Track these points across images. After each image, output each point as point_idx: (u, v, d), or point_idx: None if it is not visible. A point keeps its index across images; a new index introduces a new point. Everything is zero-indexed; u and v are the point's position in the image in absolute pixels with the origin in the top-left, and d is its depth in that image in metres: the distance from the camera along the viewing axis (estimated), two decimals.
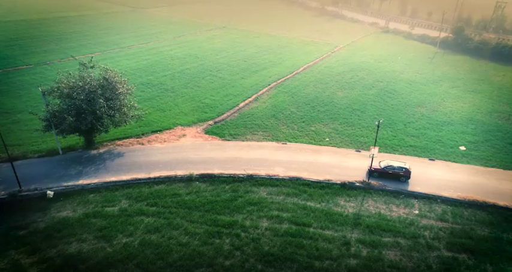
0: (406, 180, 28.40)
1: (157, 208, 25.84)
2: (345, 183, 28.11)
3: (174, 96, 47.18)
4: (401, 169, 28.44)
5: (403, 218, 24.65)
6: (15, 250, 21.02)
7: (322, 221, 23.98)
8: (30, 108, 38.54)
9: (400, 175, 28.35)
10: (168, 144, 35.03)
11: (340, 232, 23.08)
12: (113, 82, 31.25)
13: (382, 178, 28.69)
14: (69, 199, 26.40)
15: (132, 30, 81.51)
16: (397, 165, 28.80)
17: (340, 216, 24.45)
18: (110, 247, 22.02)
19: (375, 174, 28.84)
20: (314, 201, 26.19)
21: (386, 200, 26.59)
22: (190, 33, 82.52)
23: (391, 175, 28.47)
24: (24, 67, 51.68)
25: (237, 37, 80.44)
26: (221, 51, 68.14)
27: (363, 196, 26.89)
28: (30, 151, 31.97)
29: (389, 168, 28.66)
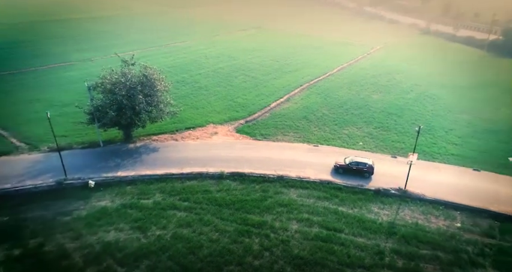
0: (369, 176, 28.83)
1: (189, 204, 26.44)
2: (379, 190, 27.06)
3: (207, 94, 48.10)
4: (364, 165, 28.93)
5: (443, 230, 23.24)
6: (60, 234, 22.45)
7: (354, 227, 23.25)
8: (76, 102, 40.83)
9: (363, 171, 28.85)
10: (201, 141, 35.75)
11: (373, 240, 22.24)
12: (152, 79, 32.43)
13: (347, 174, 29.17)
14: (108, 189, 27.73)
15: (169, 29, 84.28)
16: (361, 161, 29.33)
17: (373, 224, 23.57)
18: (144, 238, 22.84)
19: (340, 170, 29.50)
20: (346, 206, 25.47)
21: (425, 210, 25.22)
22: (225, 32, 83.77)
23: (355, 171, 29.04)
24: (72, 63, 55.20)
25: (271, 37, 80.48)
26: (254, 51, 68.47)
27: (399, 205, 25.72)
28: (75, 142, 34.01)
29: (353, 164, 29.20)
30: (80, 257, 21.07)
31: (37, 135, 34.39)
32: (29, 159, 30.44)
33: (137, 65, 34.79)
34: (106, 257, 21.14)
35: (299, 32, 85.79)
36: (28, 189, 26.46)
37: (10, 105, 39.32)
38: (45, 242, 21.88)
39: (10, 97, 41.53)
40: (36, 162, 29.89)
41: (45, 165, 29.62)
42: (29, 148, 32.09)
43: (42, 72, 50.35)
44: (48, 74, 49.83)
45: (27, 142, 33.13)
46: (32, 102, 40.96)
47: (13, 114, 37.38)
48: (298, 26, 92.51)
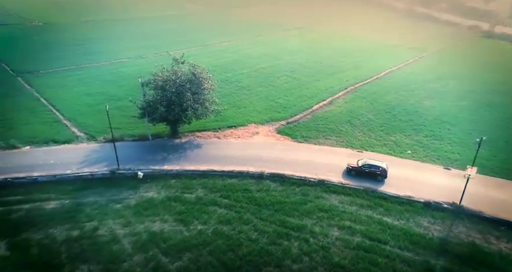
0: (383, 179, 28.07)
1: (229, 201, 26.97)
2: (430, 202, 25.37)
3: (249, 94, 48.62)
4: (378, 168, 28.19)
5: (506, 253, 21.17)
6: (112, 220, 24.16)
7: (401, 240, 22.06)
8: (129, 97, 43.72)
9: (377, 174, 28.19)
10: (242, 140, 36.27)
11: (422, 256, 20.93)
12: (200, 78, 33.56)
13: (359, 177, 28.44)
14: (154, 181, 29.24)
15: (214, 29, 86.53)
16: (374, 163, 28.48)
17: (422, 238, 22.18)
18: (186, 231, 23.74)
19: (352, 173, 28.93)
20: (391, 217, 24.27)
21: (483, 229, 23.18)
22: (268, 33, 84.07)
23: (368, 173, 28.36)
24: (125, 60, 59.00)
25: (314, 38, 79.23)
26: (297, 52, 67.88)
27: (452, 221, 23.92)
28: (127, 134, 36.30)
29: (366, 166, 28.53)
30: (129, 243, 22.47)
31: (94, 126, 37.22)
32: (87, 148, 33.08)
33: (186, 63, 36.26)
34: (152, 246, 22.30)
35: (344, 33, 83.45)
36: (86, 175, 28.77)
37: (71, 98, 42.99)
38: (99, 226, 23.66)
39: (70, 91, 45.42)
40: (93, 151, 32.39)
41: (101, 154, 31.98)
42: (87, 138, 34.84)
43: (98, 67, 54.38)
44: (105, 70, 53.69)
45: (85, 132, 36.00)
46: (91, 96, 44.42)
47: (75, 106, 40.81)
48: (343, 27, 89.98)
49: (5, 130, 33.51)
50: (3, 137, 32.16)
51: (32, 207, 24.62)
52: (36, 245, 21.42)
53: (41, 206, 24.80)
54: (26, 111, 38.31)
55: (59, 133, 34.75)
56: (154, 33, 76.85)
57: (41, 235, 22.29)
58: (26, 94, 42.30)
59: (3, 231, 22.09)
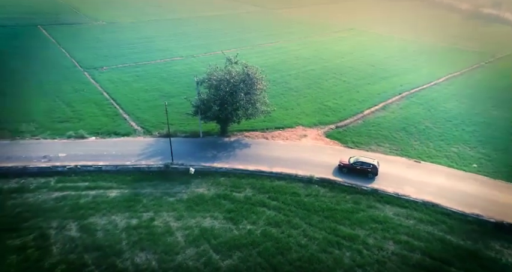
0: (373, 177, 28.52)
1: (277, 203, 26.88)
2: (502, 224, 22.97)
3: (296, 95, 48.14)
4: (369, 166, 28.69)
5: None
6: (166, 213, 25.35)
7: (468, 262, 20.27)
8: (181, 94, 45.77)
9: (367, 172, 28.71)
10: (290, 142, 35.97)
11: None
12: (253, 78, 33.87)
13: (351, 174, 28.91)
14: (205, 178, 30.12)
15: (263, 29, 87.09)
16: (366, 161, 29.01)
17: (494, 263, 20.18)
18: (236, 230, 24.10)
19: (344, 170, 29.51)
20: (455, 236, 22.39)
21: None
22: (317, 34, 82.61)
23: (359, 171, 28.90)
24: (177, 58, 61.71)
25: (366, 40, 76.18)
26: (347, 54, 65.81)
27: None
28: (179, 130, 37.90)
29: (357, 163, 29.04)
30: (182, 236, 23.36)
31: (150, 121, 39.35)
32: (143, 141, 35.07)
33: (239, 63, 36.83)
34: (203, 242, 22.96)
35: (398, 35, 79.09)
36: (143, 168, 30.51)
37: (130, 93, 45.91)
38: (154, 217, 24.93)
39: (129, 86, 48.53)
40: (149, 145, 34.26)
41: (156, 148, 33.70)
42: (143, 132, 36.94)
43: (154, 65, 57.47)
44: (159, 68, 56.60)
45: (142, 126, 38.21)
46: (147, 92, 47.08)
47: (133, 101, 43.53)
48: (397, 29, 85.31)
49: (76, 121, 36.76)
50: (74, 127, 35.30)
51: (97, 194, 26.68)
52: (102, 229, 23.16)
53: (104, 194, 26.78)
54: (92, 103, 41.67)
55: (119, 126, 37.25)
56: (205, 33, 79.37)
57: (105, 220, 24.05)
58: (92, 89, 46.02)
59: (74, 214, 24.21)
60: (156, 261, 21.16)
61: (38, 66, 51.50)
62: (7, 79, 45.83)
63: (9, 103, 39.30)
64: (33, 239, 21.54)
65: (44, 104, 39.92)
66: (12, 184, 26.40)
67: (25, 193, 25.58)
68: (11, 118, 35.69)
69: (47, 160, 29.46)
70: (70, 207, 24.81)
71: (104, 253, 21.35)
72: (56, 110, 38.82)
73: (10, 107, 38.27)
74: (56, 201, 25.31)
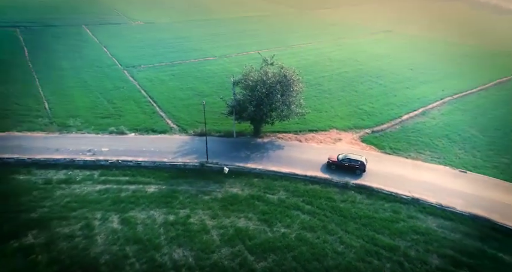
0: (361, 173, 29.41)
1: (312, 207, 26.45)
2: None
3: (330, 98, 47.23)
4: (356, 162, 29.53)
5: None
6: (202, 211, 25.77)
7: None
8: (214, 93, 46.44)
9: (355, 168, 29.52)
10: (324, 145, 35.31)
11: None
12: (290, 80, 33.62)
13: (339, 171, 29.62)
14: (238, 178, 30.28)
15: (296, 30, 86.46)
16: (353, 158, 29.85)
17: None
18: (270, 232, 23.98)
19: (332, 167, 30.19)
20: (509, 255, 20.80)
21: None
22: (352, 35, 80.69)
23: (348, 167, 29.63)
24: (211, 58, 62.76)
25: (404, 42, 73.30)
26: (384, 57, 63.66)
27: None
28: (212, 130, 38.43)
29: (345, 160, 29.86)
30: (217, 235, 23.62)
31: (185, 119, 40.24)
32: (179, 139, 35.92)
33: (275, 64, 36.70)
34: (238, 242, 23.06)
35: (439, 38, 75.29)
36: (179, 165, 31.24)
37: (166, 92, 47.26)
38: (190, 214, 25.41)
39: (166, 85, 49.97)
40: (184, 143, 35.03)
41: (191, 146, 34.40)
42: (179, 130, 37.85)
43: (188, 64, 58.79)
44: (194, 67, 57.82)
45: (178, 124, 39.17)
46: (182, 90, 48.25)
47: (169, 100, 44.77)
48: (438, 31, 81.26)
49: (116, 117, 38.43)
50: (115, 123, 36.90)
51: (136, 188, 27.66)
52: (141, 223, 23.97)
53: (143, 189, 27.70)
54: (131, 101, 43.36)
55: (157, 124, 38.43)
56: (238, 34, 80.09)
57: (144, 215, 24.87)
58: (131, 86, 47.90)
59: (116, 207, 25.26)
60: (193, 258, 21.53)
61: (82, 64, 54.47)
62: (55, 76, 48.85)
63: (58, 99, 41.84)
64: (80, 229, 22.72)
65: (88, 100, 42.11)
66: (61, 175, 28.05)
67: (72, 184, 27.08)
68: (59, 114, 37.98)
69: (92, 154, 31.02)
70: (112, 200, 25.92)
71: (144, 246, 22.06)
72: (98, 106, 40.82)
73: (58, 103, 40.73)
74: (99, 193, 26.56)
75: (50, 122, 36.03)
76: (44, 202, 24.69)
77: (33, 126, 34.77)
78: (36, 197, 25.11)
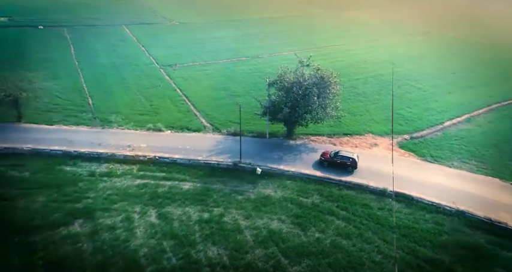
0: (353, 170, 29.99)
1: (347, 214, 25.73)
2: None
3: (365, 101, 45.87)
4: (348, 159, 30.15)
5: None
6: (235, 210, 25.90)
7: None
8: (247, 94, 46.74)
9: (347, 165, 30.11)
10: (359, 150, 34.26)
11: None
12: (327, 82, 32.99)
13: (331, 167, 30.32)
14: (271, 179, 30.11)
15: (327, 31, 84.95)
16: (345, 155, 30.56)
17: None
18: (304, 236, 23.60)
19: (324, 163, 30.90)
20: None
21: None
22: (388, 37, 77.98)
23: (339, 164, 30.27)
24: (243, 58, 63.16)
25: (444, 44, 69.74)
26: (422, 59, 60.90)
27: None
28: (245, 130, 38.53)
29: (338, 157, 30.49)
30: (251, 236, 23.60)
31: (218, 118, 40.71)
32: (213, 138, 36.40)
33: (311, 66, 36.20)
34: (271, 244, 22.90)
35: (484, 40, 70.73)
36: (213, 164, 31.63)
37: (200, 91, 48.09)
38: (224, 213, 25.62)
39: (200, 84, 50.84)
40: (218, 142, 35.43)
41: (224, 146, 34.70)
42: (212, 129, 38.39)
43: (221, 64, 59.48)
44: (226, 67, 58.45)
45: (211, 123, 39.74)
46: (215, 90, 48.91)
47: (203, 99, 45.52)
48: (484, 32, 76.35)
49: (153, 115, 39.69)
50: (152, 120, 38.11)
51: (172, 185, 28.34)
52: (177, 219, 24.50)
53: (179, 186, 28.33)
54: (167, 99, 44.61)
55: (191, 122, 39.21)
56: (270, 34, 80.00)
57: (180, 211, 25.40)
58: (167, 85, 49.32)
59: (154, 201, 26.03)
60: (227, 257, 21.66)
61: (121, 62, 56.87)
62: (97, 73, 51.37)
63: (100, 95, 43.93)
64: (121, 221, 23.63)
65: (127, 97, 43.86)
66: (103, 168, 29.39)
67: (113, 178, 28.27)
68: (101, 109, 39.87)
69: (131, 149, 32.23)
70: (150, 195, 26.73)
71: (180, 242, 22.51)
72: (137, 103, 42.38)
73: (101, 99, 42.76)
74: (138, 187, 27.51)
75: (93, 117, 37.93)
76: (88, 194, 25.99)
77: (79, 121, 36.76)
78: (81, 188, 26.49)
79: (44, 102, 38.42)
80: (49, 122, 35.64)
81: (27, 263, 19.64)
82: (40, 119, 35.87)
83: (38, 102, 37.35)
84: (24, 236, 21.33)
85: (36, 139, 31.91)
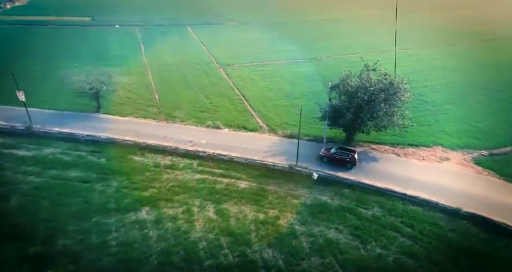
0: (352, 167, 30.21)
1: (413, 231, 23.76)
2: None
3: (434, 110, 42.16)
4: (347, 156, 30.37)
5: None
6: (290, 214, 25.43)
7: None
8: (303, 96, 45.99)
9: (346, 162, 30.39)
10: (428, 163, 31.55)
11: None
12: (397, 88, 30.90)
13: (331, 164, 30.67)
14: (328, 186, 29.06)
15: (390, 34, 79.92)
16: (344, 151, 30.63)
17: None
18: (364, 250, 22.31)
19: (324, 159, 31.21)
20: None
21: None
22: (464, 41, 70.94)
23: (339, 160, 30.55)
24: (300, 60, 62.24)
25: None
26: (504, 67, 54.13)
27: None
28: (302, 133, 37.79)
29: (337, 153, 30.73)
30: (306, 242, 22.98)
31: (274, 119, 40.57)
32: (269, 139, 36.34)
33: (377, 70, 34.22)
34: (328, 253, 22.04)
35: None
36: (269, 165, 31.51)
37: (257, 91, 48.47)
38: (279, 216, 25.32)
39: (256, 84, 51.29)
40: (274, 143, 35.27)
41: (281, 147, 34.42)
42: (268, 130, 38.36)
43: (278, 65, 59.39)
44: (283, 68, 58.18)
45: (267, 124, 39.76)
46: (272, 91, 48.92)
47: (259, 99, 45.78)
48: None
49: (212, 112, 41.00)
50: (211, 118, 39.36)
51: (229, 182, 28.86)
52: (234, 217, 24.85)
53: (235, 184, 28.75)
54: (225, 97, 45.76)
55: (247, 122, 39.65)
56: (329, 36, 77.97)
57: (236, 209, 25.73)
58: (225, 84, 50.66)
59: (212, 197, 26.75)
60: (283, 261, 21.34)
61: (184, 60, 59.87)
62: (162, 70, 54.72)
63: (165, 91, 46.67)
64: (182, 213, 24.70)
65: (189, 94, 45.96)
66: (167, 160, 31.06)
67: (176, 170, 29.71)
68: (166, 104, 42.32)
69: (192, 145, 33.62)
70: (208, 190, 27.53)
71: (236, 239, 22.77)
72: (198, 101, 44.17)
73: (165, 94, 45.39)
74: (198, 182, 28.52)
75: (159, 111, 40.42)
76: (153, 183, 27.65)
77: (146, 114, 39.44)
78: (148, 178, 28.29)
79: (119, 95, 41.96)
80: (122, 114, 38.82)
81: (102, 242, 21.50)
82: (115, 111, 39.29)
83: (114, 95, 40.92)
84: (101, 217, 23.44)
85: (111, 129, 34.96)
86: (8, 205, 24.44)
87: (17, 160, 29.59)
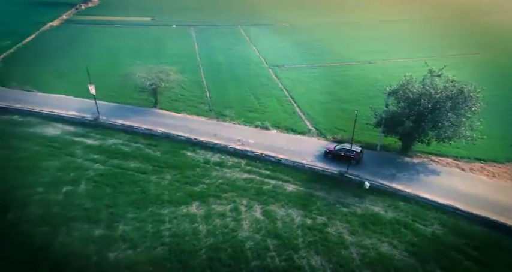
0: (356, 163, 30.44)
1: (480, 255, 21.41)
2: None
3: (505, 122, 37.87)
4: (352, 152, 30.62)
5: None
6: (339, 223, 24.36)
7: None
8: (355, 100, 44.08)
9: (351, 158, 30.49)
10: (499, 181, 28.31)
11: None
12: (468, 97, 28.14)
13: (335, 160, 31.02)
14: (381, 196, 27.37)
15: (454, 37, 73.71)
16: (349, 148, 30.70)
17: None
18: (422, 269, 20.62)
19: (328, 156, 31.65)
20: None
21: None
22: None
23: (343, 157, 30.75)
24: (353, 63, 59.89)
25: None
26: None
27: None
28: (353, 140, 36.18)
29: (342, 150, 31.10)
30: (357, 254, 21.82)
31: (322, 123, 39.38)
32: (317, 143, 35.28)
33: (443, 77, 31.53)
34: (381, 269, 20.69)
35: None
36: (317, 169, 30.60)
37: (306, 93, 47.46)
38: (328, 224, 24.39)
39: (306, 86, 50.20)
40: (323, 148, 34.14)
41: None
42: (317, 134, 37.33)
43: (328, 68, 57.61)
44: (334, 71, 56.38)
45: (315, 127, 38.70)
46: (321, 94, 47.61)
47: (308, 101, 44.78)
48: None
49: (261, 113, 41.03)
50: (260, 118, 39.39)
51: (276, 184, 28.54)
52: (280, 220, 24.48)
53: (282, 186, 28.35)
54: (274, 98, 45.53)
55: (296, 124, 38.99)
56: (386, 38, 74.05)
57: (283, 212, 25.32)
58: (274, 85, 50.49)
59: (259, 197, 26.64)
60: (331, 271, 20.47)
61: (235, 60, 60.93)
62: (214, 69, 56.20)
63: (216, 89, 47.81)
64: (230, 210, 24.96)
65: (238, 94, 46.59)
66: (216, 158, 31.68)
67: (224, 168, 30.18)
68: (217, 103, 43.34)
69: (241, 144, 33.94)
70: (255, 190, 27.48)
71: (283, 243, 22.37)
72: (247, 100, 44.57)
73: (216, 93, 46.50)
74: (245, 181, 28.64)
75: (210, 109, 41.53)
76: (203, 179, 28.36)
77: (198, 111, 40.73)
78: (198, 173, 29.11)
79: (174, 92, 43.92)
80: (176, 110, 40.54)
81: (157, 232, 22.53)
82: (170, 106, 41.17)
83: (170, 92, 42.95)
84: (155, 208, 24.62)
85: (167, 124, 36.67)
86: (78, 189, 26.77)
87: (86, 148, 32.36)
